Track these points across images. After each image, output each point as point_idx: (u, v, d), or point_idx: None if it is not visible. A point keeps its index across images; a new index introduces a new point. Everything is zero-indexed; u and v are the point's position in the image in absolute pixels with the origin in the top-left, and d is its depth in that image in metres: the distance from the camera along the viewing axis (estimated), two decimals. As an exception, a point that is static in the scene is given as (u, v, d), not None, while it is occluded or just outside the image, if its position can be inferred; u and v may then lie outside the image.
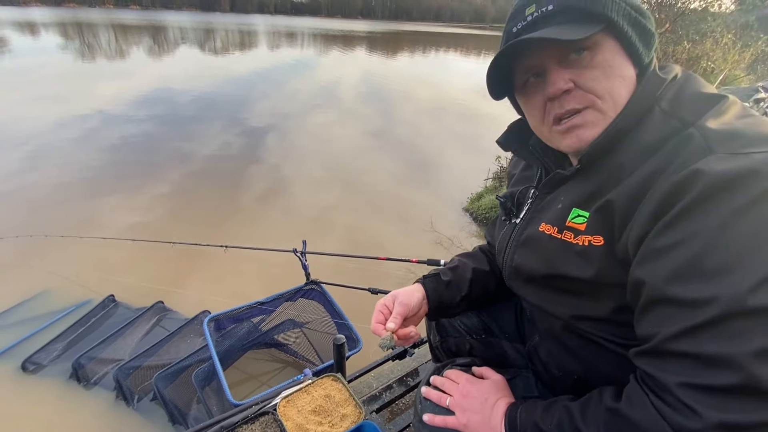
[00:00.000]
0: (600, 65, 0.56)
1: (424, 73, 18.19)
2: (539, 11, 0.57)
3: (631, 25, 0.56)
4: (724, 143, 0.46)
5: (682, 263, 0.45)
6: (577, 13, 0.55)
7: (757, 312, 0.41)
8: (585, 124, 0.58)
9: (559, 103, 0.58)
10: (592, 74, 0.56)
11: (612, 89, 0.56)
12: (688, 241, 0.45)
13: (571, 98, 0.57)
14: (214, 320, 1.99)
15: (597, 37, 0.55)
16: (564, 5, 0.55)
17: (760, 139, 0.46)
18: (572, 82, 0.57)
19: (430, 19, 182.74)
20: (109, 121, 7.38)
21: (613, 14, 0.54)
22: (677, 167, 0.47)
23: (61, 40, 21.68)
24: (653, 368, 0.48)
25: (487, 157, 5.57)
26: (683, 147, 0.49)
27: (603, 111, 0.57)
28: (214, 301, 2.76)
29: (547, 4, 0.56)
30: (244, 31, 39.36)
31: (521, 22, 0.59)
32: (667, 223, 0.47)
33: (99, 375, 2.30)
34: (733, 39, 7.32)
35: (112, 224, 3.99)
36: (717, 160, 0.45)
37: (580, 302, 0.61)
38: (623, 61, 0.57)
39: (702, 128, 0.49)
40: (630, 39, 0.56)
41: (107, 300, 2.82)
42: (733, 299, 0.41)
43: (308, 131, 7.71)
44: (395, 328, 0.75)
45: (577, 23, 0.54)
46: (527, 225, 0.71)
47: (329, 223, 4.40)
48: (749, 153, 0.44)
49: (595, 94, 0.56)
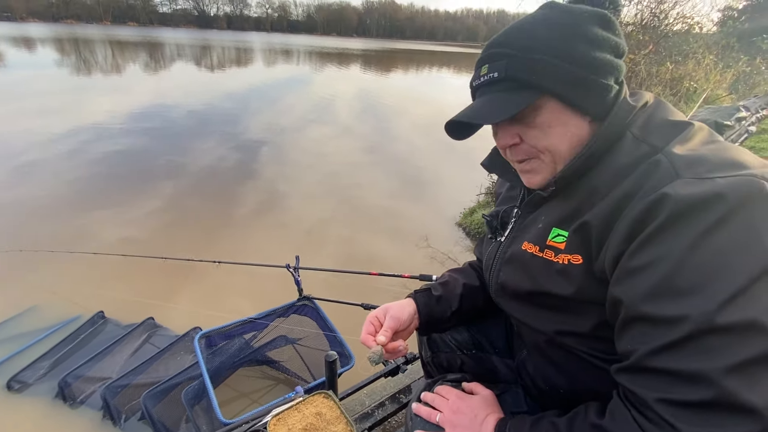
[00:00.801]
0: (539, 126, 0.61)
1: (418, 90, 18.50)
2: (488, 76, 0.63)
3: (572, 85, 0.59)
4: (690, 168, 0.50)
5: (654, 283, 0.47)
6: (518, 82, 0.60)
7: (726, 329, 0.43)
8: (533, 170, 0.66)
9: (511, 152, 0.67)
10: (533, 133, 0.62)
11: (549, 146, 0.62)
12: (659, 261, 0.47)
13: (518, 150, 0.65)
14: (205, 337, 1.97)
15: (537, 102, 0.60)
16: (506, 75, 0.61)
17: (723, 164, 0.49)
18: (518, 137, 0.64)
19: (424, 37, 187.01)
20: (103, 135, 7.38)
21: (548, 83, 0.59)
22: (647, 191, 0.50)
23: (58, 56, 21.80)
24: (633, 384, 0.49)
25: (479, 173, 5.63)
26: (653, 172, 0.52)
27: (545, 162, 0.64)
28: (205, 317, 2.73)
29: (494, 70, 0.62)
30: (240, 48, 39.91)
31: (477, 80, 0.66)
32: (639, 244, 0.49)
33: (86, 394, 2.24)
34: (715, 60, 7.59)
35: (104, 239, 3.95)
36: (683, 184, 0.48)
37: (562, 318, 0.63)
38: (567, 117, 0.61)
39: (669, 154, 0.52)
40: (571, 99, 0.60)
41: (96, 316, 2.77)
42: (703, 317, 0.44)
43: (303, 146, 7.77)
44: (385, 341, 0.76)
45: (516, 92, 0.60)
46: (511, 243, 0.73)
47: (323, 237, 4.40)
48: (713, 178, 0.47)
49: (536, 149, 0.63)
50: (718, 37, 9.36)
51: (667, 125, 0.58)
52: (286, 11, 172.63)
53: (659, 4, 6.95)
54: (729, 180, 0.47)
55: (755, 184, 0.46)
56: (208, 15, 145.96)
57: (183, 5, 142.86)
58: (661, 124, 0.58)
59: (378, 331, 0.78)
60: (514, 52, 0.60)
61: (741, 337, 0.43)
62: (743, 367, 0.42)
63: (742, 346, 0.43)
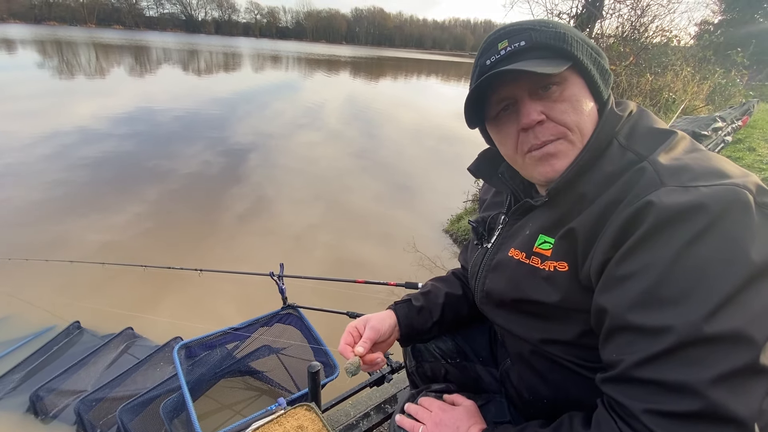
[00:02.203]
0: (569, 99, 0.60)
1: (407, 98, 18.65)
2: (512, 46, 0.60)
3: (593, 63, 0.61)
4: (673, 176, 0.50)
5: (639, 292, 0.47)
6: (547, 50, 0.59)
7: (712, 339, 0.43)
8: (558, 153, 0.60)
9: (534, 134, 0.61)
10: (562, 107, 0.59)
11: (579, 122, 0.59)
12: (644, 271, 0.47)
13: (545, 129, 0.60)
14: (185, 347, 1.91)
15: (565, 73, 0.58)
16: (535, 42, 0.59)
17: (706, 173, 0.50)
18: (544, 115, 0.60)
19: (412, 45, 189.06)
20: (85, 138, 7.22)
21: (578, 53, 0.59)
22: (632, 199, 0.50)
23: (39, 58, 21.31)
24: (620, 395, 0.49)
25: (466, 179, 5.69)
26: (638, 179, 0.52)
27: (573, 142, 0.60)
28: (187, 327, 2.66)
29: (519, 40, 0.59)
30: (228, 53, 39.69)
31: (494, 56, 0.61)
32: (624, 253, 0.49)
33: (59, 408, 2.15)
34: (692, 72, 7.85)
35: (82, 246, 3.84)
36: (668, 192, 0.48)
37: (547, 326, 0.63)
38: (587, 96, 0.61)
39: (654, 162, 0.53)
40: (593, 77, 0.61)
41: (72, 327, 2.68)
42: (689, 327, 0.43)
43: (291, 151, 7.73)
44: (363, 353, 0.74)
45: (548, 59, 0.58)
46: (498, 250, 0.73)
47: (311, 243, 4.36)
48: (697, 186, 0.48)
49: (565, 126, 0.59)
50: (695, 50, 9.71)
51: (651, 134, 0.58)
52: (275, 17, 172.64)
53: (639, 18, 7.19)
54: (712, 189, 0.47)
55: (737, 193, 0.46)
56: (196, 19, 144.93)
57: (170, 9, 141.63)
58: (646, 133, 0.59)
59: (357, 342, 0.77)
60: (538, 27, 0.59)
61: (726, 347, 0.43)
62: (729, 378, 0.42)
63: (727, 357, 0.42)
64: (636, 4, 7.06)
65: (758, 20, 17.52)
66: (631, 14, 7.18)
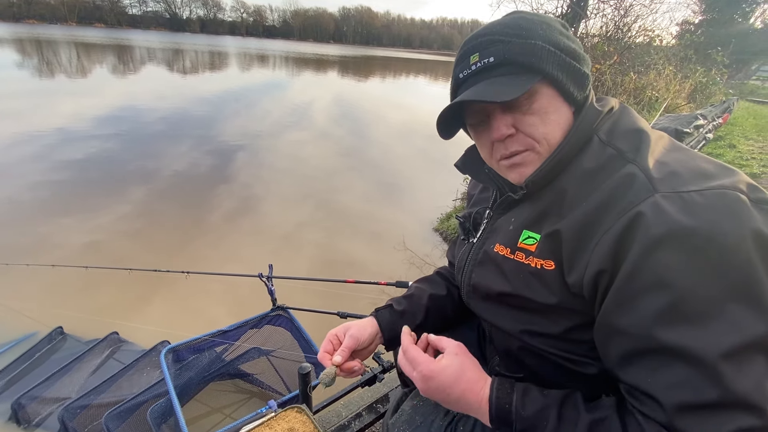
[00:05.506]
0: (537, 112, 0.61)
1: (395, 97, 18.65)
2: (482, 62, 0.61)
3: (564, 72, 0.60)
4: (664, 182, 0.50)
5: (664, 309, 0.47)
6: (515, 66, 0.60)
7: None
8: (524, 163, 0.63)
9: (504, 146, 0.64)
10: (531, 120, 0.61)
11: (547, 134, 0.61)
12: (661, 287, 0.47)
13: (514, 141, 0.62)
14: (172, 351, 1.87)
15: (534, 86, 0.59)
16: (503, 59, 0.60)
17: (695, 176, 0.51)
18: (513, 127, 0.61)
19: (400, 45, 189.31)
20: (68, 138, 7.04)
21: (547, 66, 0.59)
22: (625, 206, 0.51)
23: (18, 57, 20.72)
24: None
25: (455, 177, 5.72)
26: (628, 185, 0.52)
27: (540, 153, 0.62)
28: (175, 330, 2.62)
29: (489, 56, 0.60)
30: (214, 52, 39.17)
31: (467, 70, 0.63)
32: (633, 268, 0.49)
33: (42, 416, 2.09)
34: (674, 71, 8.04)
35: (66, 249, 3.75)
36: (662, 199, 0.49)
37: (532, 318, 0.63)
38: (559, 104, 0.62)
39: (643, 167, 0.53)
40: (564, 85, 0.61)
41: (55, 332, 2.61)
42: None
43: (279, 151, 7.66)
44: (341, 362, 0.74)
45: (516, 75, 0.59)
46: (483, 245, 0.73)
47: (300, 243, 4.33)
48: (689, 191, 0.49)
49: (533, 138, 0.61)
50: (677, 50, 9.94)
51: (631, 131, 0.59)
52: (262, 16, 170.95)
53: (623, 18, 7.33)
54: (705, 194, 0.48)
55: (730, 196, 0.47)
56: (181, 18, 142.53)
57: (154, 7, 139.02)
58: (627, 130, 0.60)
59: (336, 350, 0.76)
60: (508, 39, 0.60)
61: None
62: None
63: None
64: (619, 4, 7.21)
65: (737, 20, 18.03)
66: (614, 14, 7.32)
